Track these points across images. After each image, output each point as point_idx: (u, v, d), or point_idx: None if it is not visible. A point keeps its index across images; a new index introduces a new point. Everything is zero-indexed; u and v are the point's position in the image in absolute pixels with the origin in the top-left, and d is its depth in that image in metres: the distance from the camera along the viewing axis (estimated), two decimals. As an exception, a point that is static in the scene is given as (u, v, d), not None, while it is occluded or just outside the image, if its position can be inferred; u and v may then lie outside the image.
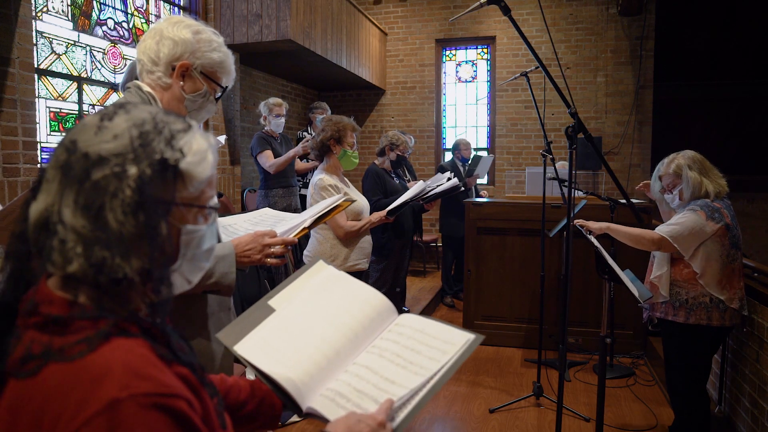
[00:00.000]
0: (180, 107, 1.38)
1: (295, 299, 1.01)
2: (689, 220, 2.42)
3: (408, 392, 0.84)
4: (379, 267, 3.70)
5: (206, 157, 0.74)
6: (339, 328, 0.96)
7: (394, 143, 4.07)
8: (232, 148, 5.17)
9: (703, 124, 8.25)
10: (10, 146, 2.99)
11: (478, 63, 7.65)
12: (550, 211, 3.73)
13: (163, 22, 1.37)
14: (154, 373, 0.64)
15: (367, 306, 1.00)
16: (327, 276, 1.07)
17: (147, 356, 0.65)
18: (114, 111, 0.71)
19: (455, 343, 0.92)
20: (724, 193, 2.50)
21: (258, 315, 0.97)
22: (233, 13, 4.91)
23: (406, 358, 0.91)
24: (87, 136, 0.68)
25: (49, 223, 0.66)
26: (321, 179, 2.85)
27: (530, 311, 4.29)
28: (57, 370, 0.62)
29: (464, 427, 3.09)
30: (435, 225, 7.26)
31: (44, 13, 3.60)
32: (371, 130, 7.73)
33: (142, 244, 0.67)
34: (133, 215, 0.66)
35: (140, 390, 0.61)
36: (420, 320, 0.99)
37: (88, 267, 0.65)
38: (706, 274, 2.43)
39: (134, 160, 0.67)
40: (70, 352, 0.63)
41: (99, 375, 0.61)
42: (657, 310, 2.58)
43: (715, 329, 2.43)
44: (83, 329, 0.65)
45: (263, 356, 0.90)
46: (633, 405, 3.35)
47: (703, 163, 2.51)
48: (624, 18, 6.77)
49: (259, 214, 1.69)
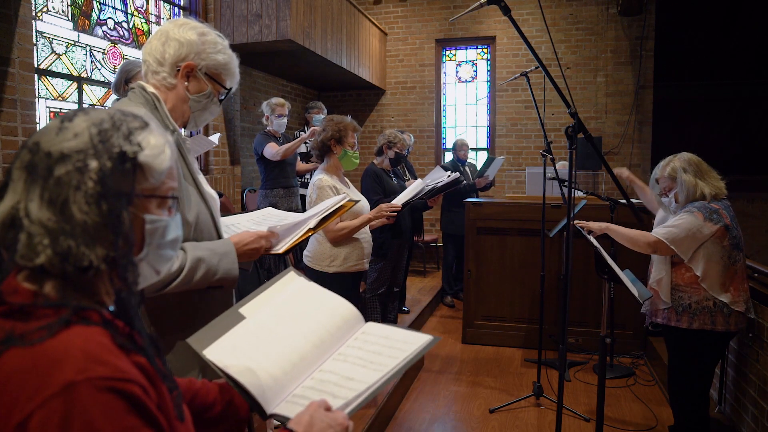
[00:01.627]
0: (184, 108, 1.40)
1: (266, 307, 1.05)
2: (686, 221, 2.39)
3: (365, 386, 0.90)
4: (377, 267, 3.70)
5: (164, 151, 0.78)
6: (306, 335, 1.00)
7: (391, 141, 4.06)
8: (232, 148, 5.17)
9: (703, 124, 8.25)
10: (10, 146, 2.98)
11: (478, 63, 7.64)
12: (550, 211, 3.73)
13: (168, 24, 1.38)
14: (110, 359, 0.66)
15: (334, 314, 1.05)
16: (297, 286, 1.11)
17: (105, 343, 0.68)
18: (74, 113, 0.75)
19: (413, 343, 0.97)
20: (721, 195, 2.45)
21: (228, 322, 1.01)
22: (233, 13, 4.91)
23: (368, 359, 0.96)
24: (49, 137, 0.72)
25: (16, 219, 0.69)
26: (320, 179, 2.84)
27: (530, 311, 4.29)
28: (17, 355, 0.64)
29: (464, 427, 3.09)
30: (435, 225, 7.27)
31: (44, 13, 3.60)
32: (371, 130, 7.73)
33: (106, 233, 0.70)
34: (96, 205, 0.69)
35: (96, 374, 0.63)
36: (384, 328, 1.04)
37: (54, 256, 0.68)
38: (707, 276, 2.38)
39: (95, 155, 0.71)
40: (31, 337, 0.65)
41: (57, 359, 0.63)
42: (659, 315, 2.52)
43: (720, 334, 2.38)
44: (45, 317, 0.67)
45: (231, 360, 0.93)
46: (633, 405, 3.35)
47: (699, 165, 2.48)
48: (624, 18, 6.77)
49: (263, 213, 1.69)
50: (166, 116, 1.35)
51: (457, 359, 4.13)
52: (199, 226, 1.34)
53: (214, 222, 1.41)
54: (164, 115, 1.35)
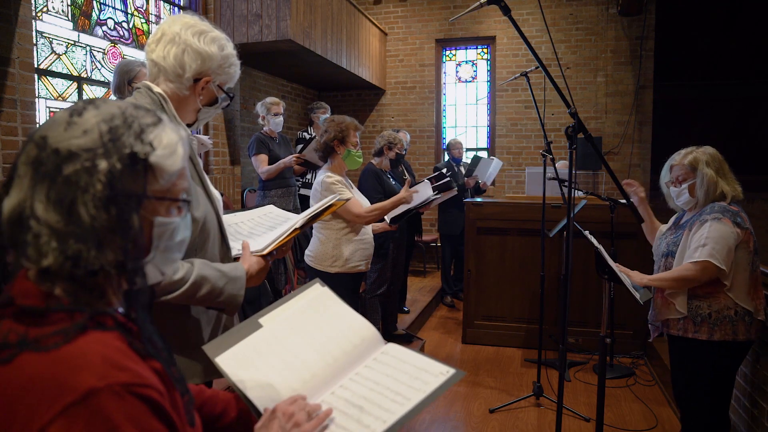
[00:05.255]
0: (193, 115, 1.41)
1: (285, 319, 1.03)
2: (718, 231, 2.14)
3: (396, 420, 0.86)
4: (377, 267, 3.70)
5: (176, 150, 0.75)
6: (321, 353, 0.97)
7: (391, 142, 4.07)
8: (232, 148, 5.17)
9: (703, 124, 8.24)
10: (10, 146, 2.98)
11: (478, 63, 7.64)
12: (550, 211, 3.73)
13: (179, 26, 1.33)
14: (129, 365, 0.65)
15: (353, 334, 1.02)
16: (321, 300, 1.08)
17: (122, 349, 0.67)
18: (84, 107, 0.72)
19: (437, 374, 0.93)
20: (738, 197, 2.28)
21: (246, 331, 0.99)
22: (233, 13, 4.91)
23: (389, 387, 0.93)
24: (57, 132, 0.69)
25: (23, 218, 0.67)
26: (328, 176, 2.85)
27: (530, 311, 4.29)
28: (33, 360, 0.63)
29: (464, 427, 3.09)
30: (435, 225, 7.26)
31: (44, 13, 3.60)
32: (371, 130, 7.73)
33: (115, 237, 0.68)
34: (104, 209, 0.67)
35: (117, 380, 0.62)
36: (404, 352, 1.01)
37: (64, 260, 0.66)
38: (735, 285, 2.16)
39: (104, 154, 0.68)
40: (46, 342, 0.64)
41: (76, 365, 0.62)
42: (673, 327, 2.30)
43: (741, 344, 2.19)
44: (60, 321, 0.66)
45: (241, 371, 0.91)
46: (633, 405, 3.35)
47: (722, 164, 2.28)
48: (624, 18, 6.77)
49: (264, 212, 1.68)
50: (174, 117, 1.35)
51: (457, 359, 4.13)
52: (206, 225, 1.33)
53: (219, 222, 1.41)
54: (172, 115, 1.34)
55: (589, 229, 2.65)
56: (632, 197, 2.49)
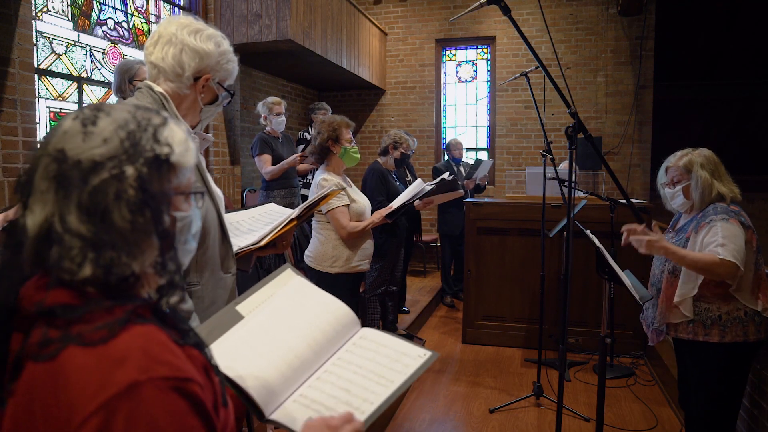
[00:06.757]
0: (196, 115, 1.42)
1: (263, 306, 1.04)
2: (730, 231, 2.10)
3: (382, 401, 0.90)
4: (377, 267, 3.70)
5: (189, 146, 0.77)
6: (304, 337, 0.99)
7: (397, 141, 4.07)
8: (232, 148, 5.17)
9: (703, 124, 8.25)
10: (10, 146, 2.98)
11: (478, 63, 7.65)
12: (550, 211, 3.73)
13: (174, 27, 1.35)
14: (170, 359, 0.66)
15: (332, 317, 1.04)
16: (295, 285, 1.10)
17: (164, 341, 0.68)
18: (94, 114, 0.72)
19: (415, 357, 0.97)
20: (737, 198, 2.26)
21: (226, 321, 1.00)
22: (233, 13, 4.91)
23: (371, 369, 0.96)
24: (75, 143, 0.69)
25: (52, 232, 0.67)
26: (324, 178, 2.85)
27: (530, 311, 4.29)
28: (77, 354, 0.63)
29: (464, 427, 3.09)
30: (435, 225, 7.27)
31: (44, 13, 3.60)
32: (371, 130, 7.73)
33: (152, 239, 0.70)
34: (140, 213, 0.69)
35: (159, 374, 0.63)
36: (381, 335, 1.04)
37: (98, 269, 0.67)
38: (741, 285, 2.14)
39: (128, 160, 0.69)
40: (91, 337, 0.64)
41: (119, 358, 0.63)
42: (682, 331, 2.25)
43: (751, 345, 2.17)
44: (100, 316, 0.66)
45: (230, 362, 0.92)
46: (633, 405, 3.35)
47: (718, 165, 2.26)
48: (624, 18, 6.77)
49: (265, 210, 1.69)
50: (175, 115, 1.35)
51: (457, 359, 4.13)
52: (206, 224, 1.34)
53: (220, 220, 1.42)
54: (173, 114, 1.35)
55: (589, 229, 2.65)
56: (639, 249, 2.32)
